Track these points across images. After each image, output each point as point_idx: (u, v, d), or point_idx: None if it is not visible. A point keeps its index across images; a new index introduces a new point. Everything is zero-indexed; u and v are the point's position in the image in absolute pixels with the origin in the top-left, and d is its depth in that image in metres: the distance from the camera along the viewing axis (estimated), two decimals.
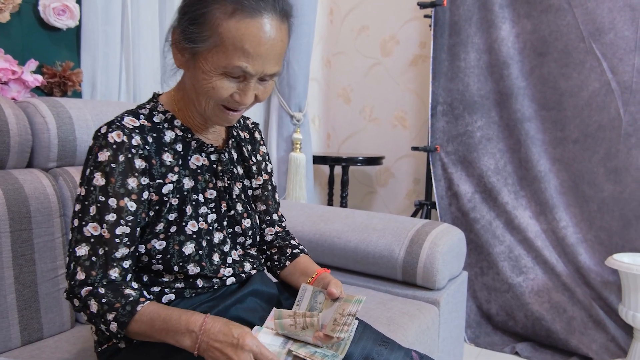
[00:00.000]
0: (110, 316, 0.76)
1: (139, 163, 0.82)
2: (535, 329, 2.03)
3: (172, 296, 0.87)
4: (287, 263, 1.03)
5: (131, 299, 0.78)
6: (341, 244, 1.51)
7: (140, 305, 0.77)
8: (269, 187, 1.06)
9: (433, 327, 1.31)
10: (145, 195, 0.83)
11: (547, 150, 2.11)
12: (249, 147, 1.03)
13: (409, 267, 1.41)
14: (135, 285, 0.83)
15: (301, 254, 1.04)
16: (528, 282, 2.07)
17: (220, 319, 0.76)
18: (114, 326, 0.76)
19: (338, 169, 2.67)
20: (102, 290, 0.78)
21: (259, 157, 1.04)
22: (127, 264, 0.82)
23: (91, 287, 0.78)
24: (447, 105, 2.24)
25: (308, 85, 2.21)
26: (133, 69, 1.56)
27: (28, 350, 1.01)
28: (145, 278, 0.87)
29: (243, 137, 1.02)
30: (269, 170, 1.07)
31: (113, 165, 0.80)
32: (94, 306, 0.77)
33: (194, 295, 0.89)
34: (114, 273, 0.80)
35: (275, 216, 1.08)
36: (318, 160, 2.41)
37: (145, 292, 0.85)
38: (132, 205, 0.81)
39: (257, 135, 1.06)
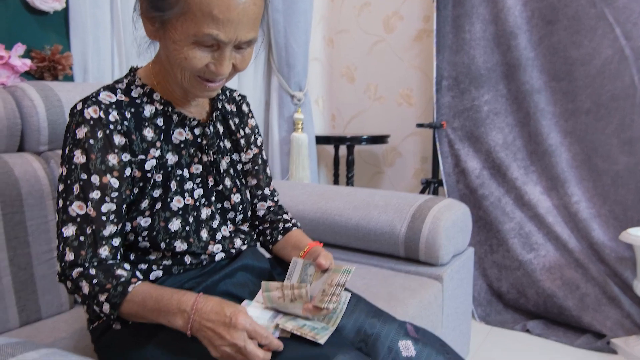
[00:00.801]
0: (102, 297, 0.75)
1: (118, 139, 0.80)
2: (547, 306, 1.99)
3: (160, 273, 0.86)
4: (279, 237, 1.01)
5: (122, 279, 0.76)
6: (342, 222, 1.49)
7: (132, 285, 0.76)
8: (259, 161, 1.04)
9: (436, 303, 1.28)
10: (128, 172, 0.81)
11: (558, 123, 2.04)
12: (236, 120, 1.00)
13: (411, 243, 1.37)
14: (127, 266, 0.81)
15: (293, 228, 1.02)
16: (539, 259, 2.02)
17: (212, 298, 0.74)
18: (106, 307, 0.75)
19: (343, 150, 2.63)
20: (92, 271, 0.77)
21: (247, 130, 1.02)
22: (116, 242, 0.80)
23: (82, 268, 0.77)
24: (452, 80, 2.18)
25: (308, 64, 2.16)
26: (125, 51, 1.54)
27: (26, 331, 1.01)
28: (132, 256, 0.86)
29: (229, 109, 0.99)
30: (259, 143, 1.05)
31: (91, 141, 0.78)
32: (85, 287, 0.76)
33: (182, 271, 0.88)
34: (104, 252, 0.79)
35: (267, 190, 1.06)
36: (322, 140, 2.37)
37: (138, 273, 0.84)
38: (114, 182, 0.79)
39: (244, 107, 1.03)
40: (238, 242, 0.95)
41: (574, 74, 1.97)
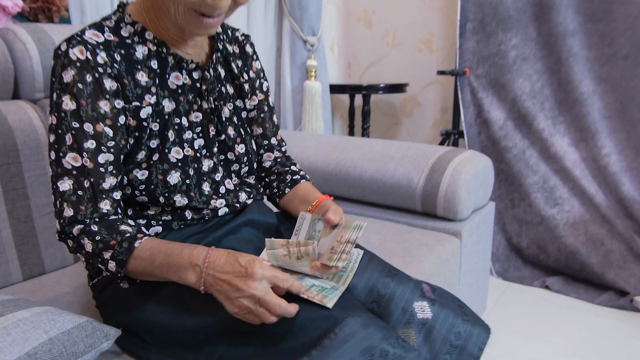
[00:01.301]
0: (107, 255, 0.70)
1: (109, 84, 0.73)
2: (569, 262, 1.92)
3: (159, 228, 0.81)
4: (287, 190, 0.94)
5: (127, 235, 0.71)
6: (356, 174, 1.42)
7: (138, 241, 0.71)
8: (266, 108, 0.96)
9: (453, 259, 1.22)
10: (122, 120, 0.74)
11: (592, 69, 1.89)
12: (239, 63, 0.91)
13: (429, 197, 1.30)
14: (131, 221, 0.76)
15: (302, 181, 0.95)
16: (563, 214, 1.93)
17: (225, 250, 0.69)
18: (112, 265, 0.71)
19: (359, 100, 2.52)
20: (95, 228, 0.72)
21: (251, 74, 0.93)
22: (117, 195, 0.75)
23: (83, 225, 0.72)
24: (477, 22, 2.01)
25: (322, 7, 2.02)
26: None
27: (29, 285, 0.99)
28: (129, 211, 0.80)
29: (231, 51, 0.90)
30: (265, 88, 0.96)
31: (80, 85, 0.71)
32: (88, 245, 0.71)
33: (182, 227, 0.83)
34: (105, 206, 0.73)
35: (273, 140, 0.98)
36: (337, 89, 2.26)
37: (142, 227, 0.79)
38: (108, 131, 0.73)
39: (248, 48, 0.94)
40: (243, 196, 0.89)
41: (613, 14, 1.79)
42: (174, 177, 0.79)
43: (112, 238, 0.71)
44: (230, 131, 0.88)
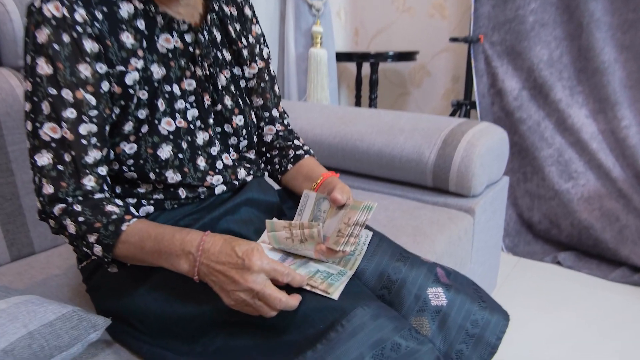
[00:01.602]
0: (91, 238, 0.65)
1: (90, 45, 0.65)
2: (582, 238, 1.86)
3: (151, 208, 0.74)
4: (289, 166, 0.87)
5: (114, 217, 0.65)
6: (364, 148, 1.34)
7: (126, 224, 0.65)
8: (266, 77, 0.88)
9: (466, 238, 1.16)
10: (105, 86, 0.67)
11: (615, 36, 1.77)
12: (237, 26, 0.83)
13: (441, 172, 1.23)
14: (119, 201, 0.70)
15: (305, 156, 0.88)
16: (578, 189, 1.86)
17: (221, 236, 0.63)
18: (97, 249, 0.65)
19: (366, 68, 2.41)
20: (78, 208, 0.65)
21: (250, 39, 0.85)
22: (102, 170, 0.68)
23: (64, 204, 0.66)
24: None
25: None
26: None
27: (17, 266, 0.94)
28: (118, 189, 0.74)
29: (228, 13, 0.82)
30: (266, 55, 0.88)
31: (56, 47, 0.63)
32: (71, 227, 0.65)
33: (176, 207, 0.76)
34: (89, 182, 0.67)
35: (275, 112, 0.90)
36: (343, 57, 2.15)
37: (133, 209, 0.72)
38: (90, 99, 0.65)
39: (247, 11, 0.85)
40: (242, 173, 0.82)
41: None
42: (165, 151, 0.72)
43: (97, 220, 0.65)
44: (227, 101, 0.80)
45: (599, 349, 1.35)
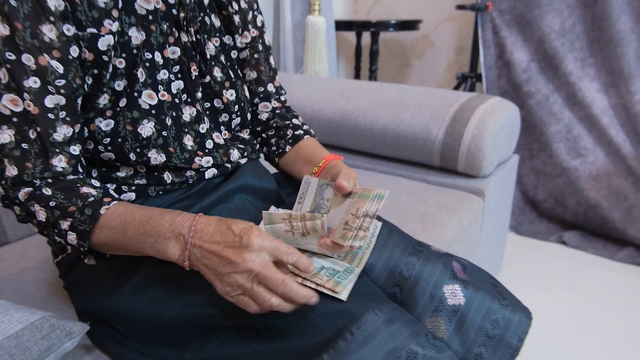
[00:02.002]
0: (64, 224, 0.56)
1: (54, 2, 0.55)
2: (588, 217, 1.80)
3: (132, 195, 0.66)
4: (287, 148, 0.79)
5: (91, 199, 0.57)
6: (366, 124, 1.25)
7: (105, 207, 0.57)
8: (260, 47, 0.78)
9: (476, 222, 1.09)
10: (74, 52, 0.57)
11: (632, 4, 1.67)
12: None
13: (449, 151, 1.15)
14: (96, 182, 0.61)
15: (305, 136, 0.79)
16: (586, 166, 1.79)
17: (216, 217, 0.55)
18: (72, 237, 0.57)
19: (366, 38, 2.29)
20: (48, 191, 0.57)
21: (242, 4, 0.75)
22: (74, 149, 0.59)
23: (31, 188, 0.57)
24: None
25: None
26: None
27: None
28: (94, 172, 0.65)
29: None
30: (259, 23, 0.78)
31: (13, 3, 0.53)
32: (40, 213, 0.57)
33: (161, 193, 0.68)
34: (59, 162, 0.58)
35: (270, 87, 0.81)
36: (342, 26, 2.03)
37: (111, 191, 0.64)
38: (57, 66, 0.56)
39: None
40: (235, 154, 0.73)
41: None
42: (146, 128, 0.63)
43: (72, 203, 0.56)
44: (217, 73, 0.71)
45: (604, 330, 1.31)
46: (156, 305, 0.60)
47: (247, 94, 0.76)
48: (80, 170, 0.61)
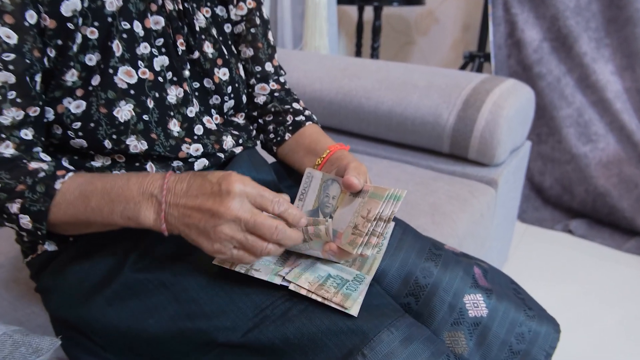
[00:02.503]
0: (14, 207, 0.48)
1: None
2: (596, 205, 1.74)
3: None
4: (287, 136, 0.70)
5: (42, 174, 0.49)
6: (371, 106, 1.16)
7: (59, 180, 0.49)
8: (258, 21, 0.69)
9: (488, 214, 1.02)
10: (31, 18, 0.48)
11: None
12: None
13: (460, 137, 1.06)
14: (45, 157, 0.53)
15: (307, 123, 0.71)
16: (596, 153, 1.72)
17: (188, 172, 0.49)
18: (25, 221, 0.49)
19: (369, 13, 2.18)
20: None
21: None
22: (27, 134, 0.51)
23: None
24: None
25: None
26: None
27: None
28: (65, 162, 0.56)
29: None
30: None
31: None
32: None
33: None
34: (6, 149, 0.50)
35: (269, 66, 0.72)
36: (343, 0, 1.92)
37: (64, 162, 0.55)
38: (8, 35, 0.47)
39: None
40: (228, 142, 0.65)
41: None
42: (123, 111, 0.54)
43: (20, 182, 0.48)
44: (208, 48, 0.62)
45: (609, 322, 1.26)
46: (138, 318, 0.52)
47: (242, 73, 0.67)
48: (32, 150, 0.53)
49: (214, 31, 0.62)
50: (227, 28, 0.66)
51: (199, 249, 0.52)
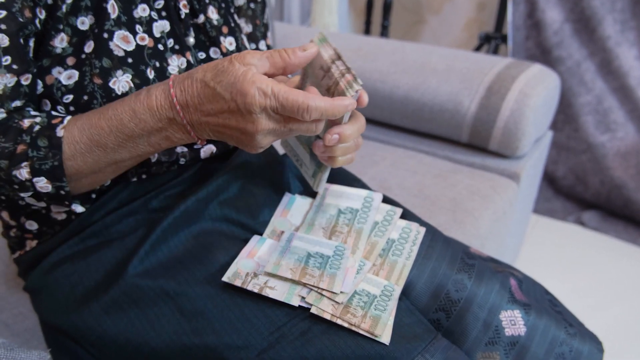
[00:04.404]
0: (23, 172, 0.42)
1: None
2: (611, 197, 1.68)
3: (107, 180, 0.51)
4: None
5: (37, 127, 0.43)
6: (386, 91, 1.09)
7: (59, 127, 0.43)
8: None
9: (510, 212, 0.96)
10: None
11: None
12: None
13: (482, 127, 0.99)
14: (33, 111, 0.47)
15: None
16: (614, 142, 1.65)
17: (189, 74, 0.43)
18: (42, 184, 0.43)
19: None
20: None
21: None
22: (15, 103, 0.45)
23: None
24: None
25: None
26: None
27: None
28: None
29: None
30: None
31: None
32: None
33: (144, 177, 0.53)
34: None
35: (262, 45, 0.66)
36: None
37: (56, 111, 0.49)
38: None
39: None
40: None
41: None
42: (121, 82, 0.48)
43: (17, 143, 0.43)
44: (213, 13, 0.55)
45: (623, 320, 1.21)
46: (137, 328, 0.46)
47: (247, 45, 0.61)
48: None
49: None
50: None
51: (208, 252, 0.46)
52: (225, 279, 0.45)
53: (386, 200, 0.59)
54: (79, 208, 0.49)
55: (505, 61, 1.06)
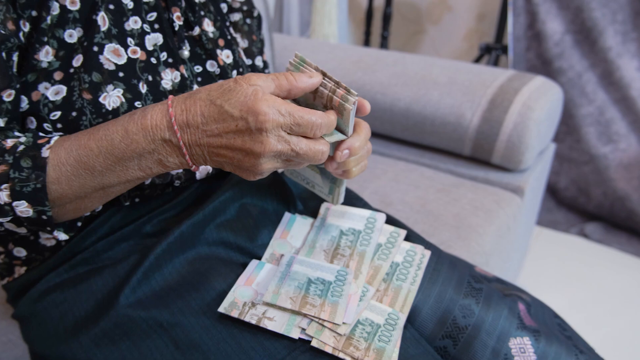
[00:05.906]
0: (2, 196, 0.39)
1: None
2: (614, 209, 1.66)
3: (93, 208, 0.49)
4: None
5: (22, 147, 0.41)
6: (387, 103, 1.07)
7: (45, 147, 0.41)
8: (255, 13, 0.63)
9: (514, 227, 0.94)
10: None
11: None
12: None
13: (484, 140, 0.98)
14: (17, 132, 0.44)
15: None
16: (616, 154, 1.63)
17: (191, 95, 0.41)
18: (23, 208, 0.40)
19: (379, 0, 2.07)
20: None
21: None
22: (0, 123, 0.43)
23: None
24: None
25: None
26: None
27: None
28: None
29: None
30: None
31: None
32: None
33: (137, 200, 0.51)
34: None
35: (258, 61, 0.65)
36: None
37: (42, 129, 0.46)
38: None
39: None
40: None
41: None
42: (111, 97, 0.46)
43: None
44: (208, 26, 0.53)
45: (624, 331, 1.19)
46: None
47: (244, 58, 0.59)
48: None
49: (211, 6, 0.54)
50: (224, 8, 0.58)
51: (204, 279, 0.44)
52: (221, 309, 0.43)
53: (389, 220, 0.57)
54: (62, 235, 0.46)
55: (508, 73, 1.04)
